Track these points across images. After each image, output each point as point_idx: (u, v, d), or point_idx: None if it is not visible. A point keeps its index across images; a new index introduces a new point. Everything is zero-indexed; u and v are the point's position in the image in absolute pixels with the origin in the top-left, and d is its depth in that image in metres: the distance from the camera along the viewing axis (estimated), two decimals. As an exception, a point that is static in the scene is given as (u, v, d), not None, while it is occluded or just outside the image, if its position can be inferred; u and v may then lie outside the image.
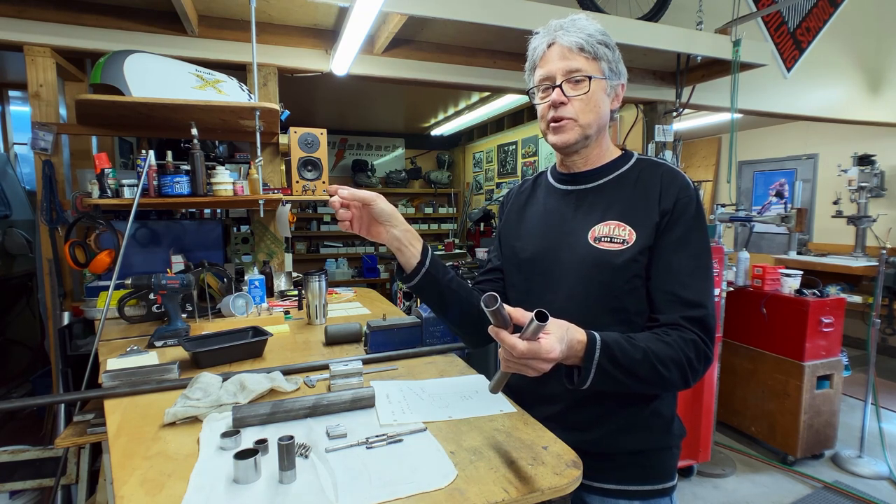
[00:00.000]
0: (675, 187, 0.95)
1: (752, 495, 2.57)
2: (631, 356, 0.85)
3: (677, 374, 0.87)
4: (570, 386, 0.86)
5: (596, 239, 0.97)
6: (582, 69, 0.94)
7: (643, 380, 0.86)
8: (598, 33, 0.96)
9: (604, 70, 0.96)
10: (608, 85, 0.98)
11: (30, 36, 2.18)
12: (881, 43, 4.00)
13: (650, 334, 0.90)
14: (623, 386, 0.87)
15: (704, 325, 0.90)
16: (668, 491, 1.01)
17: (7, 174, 3.55)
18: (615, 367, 0.84)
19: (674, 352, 0.87)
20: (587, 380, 0.84)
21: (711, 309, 0.92)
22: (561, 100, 0.95)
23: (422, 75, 2.89)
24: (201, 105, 1.99)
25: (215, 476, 0.79)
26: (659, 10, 2.78)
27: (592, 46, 0.94)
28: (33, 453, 2.03)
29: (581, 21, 0.97)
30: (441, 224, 7.41)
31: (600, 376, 0.84)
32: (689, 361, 0.87)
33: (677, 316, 0.90)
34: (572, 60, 0.94)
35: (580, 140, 0.98)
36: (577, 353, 0.83)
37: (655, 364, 0.85)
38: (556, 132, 0.98)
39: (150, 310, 1.79)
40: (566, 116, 0.96)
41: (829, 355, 2.81)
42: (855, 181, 4.06)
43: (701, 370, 0.90)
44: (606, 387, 0.86)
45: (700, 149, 6.49)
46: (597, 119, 0.97)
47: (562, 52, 0.95)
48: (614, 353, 0.84)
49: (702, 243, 0.94)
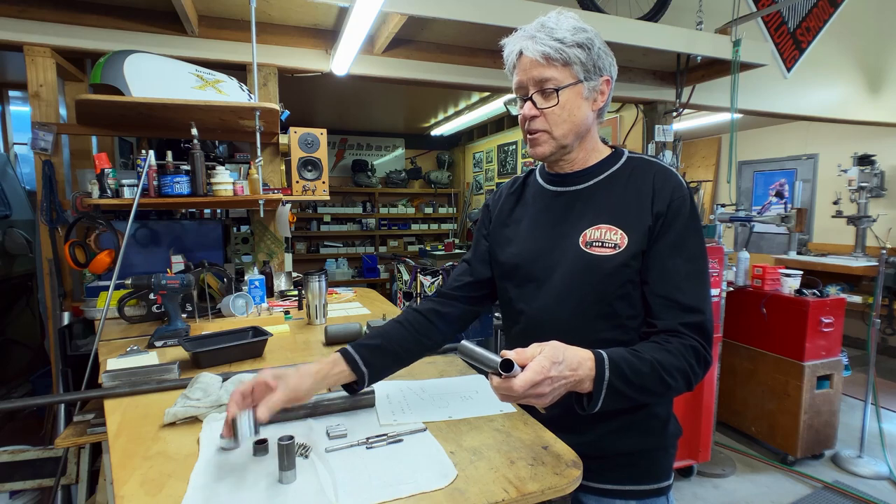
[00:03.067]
0: (668, 188, 0.92)
1: (752, 495, 2.57)
2: (639, 370, 0.82)
3: (682, 382, 0.86)
4: (580, 412, 0.83)
5: (587, 244, 0.94)
6: (551, 79, 0.90)
7: (651, 392, 0.84)
8: (572, 33, 0.89)
9: (577, 74, 0.91)
10: (585, 87, 0.92)
11: (30, 36, 2.18)
12: (881, 43, 4.00)
13: (652, 344, 0.88)
14: (630, 402, 0.84)
15: (703, 331, 0.89)
16: (664, 490, 1.00)
17: (7, 174, 3.55)
18: (626, 384, 0.80)
19: (677, 360, 0.85)
20: (598, 402, 0.79)
21: (709, 313, 0.91)
22: (532, 113, 0.93)
23: (422, 75, 2.89)
24: (201, 105, 1.99)
25: (215, 476, 0.79)
26: (659, 10, 2.79)
27: (560, 52, 0.88)
28: (33, 453, 2.03)
29: (551, 21, 0.90)
30: (441, 224, 7.41)
31: (611, 397, 0.80)
32: (692, 367, 0.86)
33: (676, 322, 0.89)
34: (540, 70, 0.90)
35: (556, 151, 0.96)
36: (587, 371, 0.79)
37: (663, 375, 0.83)
38: (532, 145, 0.97)
39: (150, 310, 1.79)
40: (539, 129, 0.94)
41: (829, 355, 2.81)
42: (855, 181, 4.06)
43: (701, 374, 0.89)
44: (616, 405, 0.82)
45: (700, 149, 6.49)
46: (573, 128, 0.94)
47: (530, 62, 0.91)
48: (623, 370, 0.80)
49: (697, 246, 0.92)
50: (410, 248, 7.20)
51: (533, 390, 0.73)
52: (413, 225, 7.29)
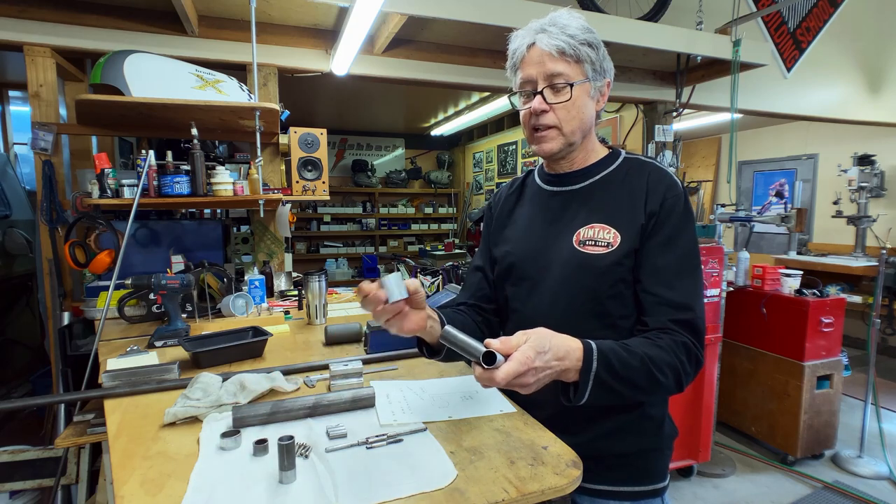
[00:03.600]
0: (662, 187, 0.93)
1: (752, 495, 2.57)
2: (628, 363, 0.81)
3: (672, 379, 0.85)
4: (566, 403, 0.83)
5: (581, 242, 0.95)
6: (563, 74, 0.90)
7: (640, 388, 0.83)
8: (582, 32, 0.91)
9: (587, 72, 0.92)
10: (592, 87, 0.94)
11: (30, 36, 2.18)
12: (881, 43, 3.99)
13: (643, 339, 0.87)
14: (618, 397, 0.82)
15: (694, 328, 0.88)
16: (660, 492, 1.00)
17: (7, 174, 3.55)
18: (613, 377, 0.80)
19: (668, 356, 0.84)
20: (585, 393, 0.79)
21: (700, 311, 0.90)
22: (542, 107, 0.92)
23: (422, 75, 2.89)
24: (201, 105, 1.99)
25: (215, 476, 0.79)
26: (659, 10, 2.78)
27: (574, 49, 0.89)
28: (33, 453, 2.03)
29: (563, 19, 0.91)
30: (441, 224, 7.41)
31: (598, 389, 0.79)
32: (682, 365, 0.85)
33: (665, 319, 0.88)
34: (553, 65, 0.90)
35: (564, 148, 0.96)
36: (574, 361, 0.78)
37: (653, 370, 0.82)
38: (538, 142, 0.96)
39: (150, 310, 1.79)
40: (548, 124, 0.93)
41: (829, 355, 2.81)
42: (855, 181, 4.06)
43: (692, 374, 0.88)
44: (603, 400, 0.81)
45: (700, 149, 6.49)
46: (580, 125, 0.95)
47: (542, 55, 0.90)
48: (611, 362, 0.80)
49: (689, 245, 0.92)
50: (410, 248, 7.21)
51: (516, 381, 0.72)
52: (413, 225, 7.29)
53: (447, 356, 0.92)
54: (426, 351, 0.95)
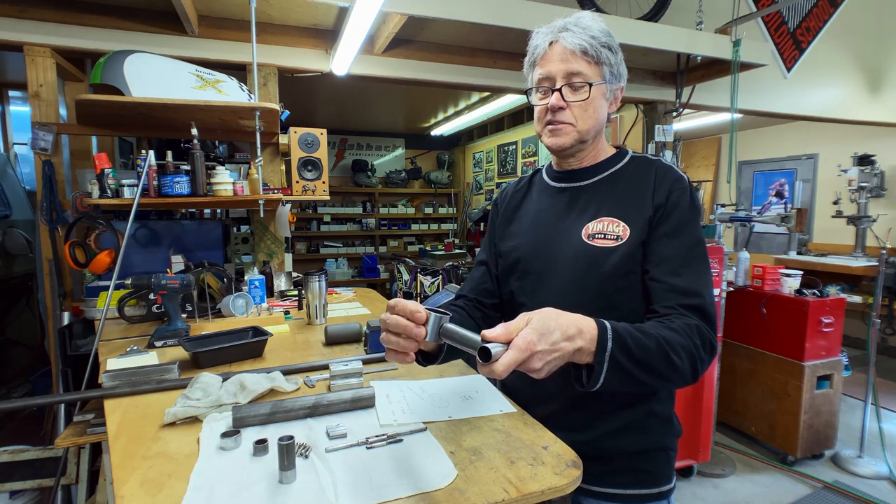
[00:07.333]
0: (669, 181, 0.94)
1: (752, 495, 2.57)
2: (644, 345, 0.77)
3: (688, 363, 0.81)
4: (580, 388, 0.79)
5: (589, 236, 0.95)
6: (583, 74, 0.92)
7: (656, 372, 0.79)
8: (603, 35, 0.93)
9: (605, 74, 0.94)
10: (608, 89, 0.96)
11: (30, 36, 2.18)
12: (881, 43, 3.99)
13: (656, 322, 0.85)
14: (634, 382, 0.78)
15: (704, 313, 0.87)
16: (666, 494, 0.99)
17: (7, 174, 3.55)
18: (629, 359, 0.75)
19: (682, 338, 0.81)
20: (600, 376, 0.74)
21: (709, 298, 0.89)
22: (560, 104, 0.93)
23: (422, 75, 2.89)
24: (201, 105, 1.99)
25: (215, 476, 0.79)
26: (659, 10, 2.78)
27: (596, 50, 0.91)
28: (33, 453, 2.03)
29: (586, 20, 0.94)
30: (441, 224, 7.41)
31: (613, 372, 0.75)
32: (697, 349, 0.82)
33: (674, 304, 0.87)
34: (574, 63, 0.91)
35: (576, 144, 0.97)
36: (588, 341, 0.73)
37: (669, 353, 0.79)
38: (552, 134, 0.97)
39: (150, 310, 1.79)
40: (564, 121, 0.95)
41: (829, 355, 2.81)
42: (855, 181, 4.06)
43: (707, 360, 0.84)
44: (618, 386, 0.77)
45: (700, 149, 6.49)
46: (595, 125, 0.96)
47: (564, 53, 0.92)
48: (627, 342, 0.76)
49: (696, 236, 0.93)
50: (410, 248, 7.20)
51: (522, 367, 0.67)
52: (413, 225, 7.29)
53: (446, 357, 0.91)
54: (422, 358, 0.90)
